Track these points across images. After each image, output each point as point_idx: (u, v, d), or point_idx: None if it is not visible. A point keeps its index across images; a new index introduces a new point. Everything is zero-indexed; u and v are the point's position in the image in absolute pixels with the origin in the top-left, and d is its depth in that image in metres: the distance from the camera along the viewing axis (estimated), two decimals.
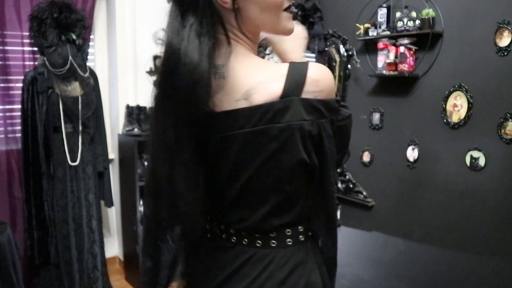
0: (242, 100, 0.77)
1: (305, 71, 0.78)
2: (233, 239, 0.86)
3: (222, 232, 0.88)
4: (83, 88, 2.49)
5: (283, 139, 0.77)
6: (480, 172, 2.04)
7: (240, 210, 0.84)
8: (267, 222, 0.84)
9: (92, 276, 2.56)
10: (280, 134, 0.76)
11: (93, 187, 2.57)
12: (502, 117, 1.94)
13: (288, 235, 0.85)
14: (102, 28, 3.13)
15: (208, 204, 0.90)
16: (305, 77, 0.77)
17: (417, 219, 2.33)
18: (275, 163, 0.79)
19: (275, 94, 0.76)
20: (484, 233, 2.04)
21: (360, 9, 2.52)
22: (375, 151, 2.55)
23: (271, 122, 0.76)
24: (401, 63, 2.26)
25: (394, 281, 2.48)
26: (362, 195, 2.61)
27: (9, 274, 1.92)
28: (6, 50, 2.65)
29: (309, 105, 0.77)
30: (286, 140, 0.77)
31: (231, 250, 0.86)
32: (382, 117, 2.49)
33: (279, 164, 0.79)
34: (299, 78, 0.77)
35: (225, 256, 0.87)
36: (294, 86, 0.77)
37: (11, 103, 2.71)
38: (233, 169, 0.81)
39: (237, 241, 0.86)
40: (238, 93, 0.78)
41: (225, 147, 0.80)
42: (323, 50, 2.79)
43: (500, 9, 1.93)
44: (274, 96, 0.76)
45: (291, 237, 0.85)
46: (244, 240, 0.85)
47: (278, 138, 0.76)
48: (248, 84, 0.78)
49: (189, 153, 0.81)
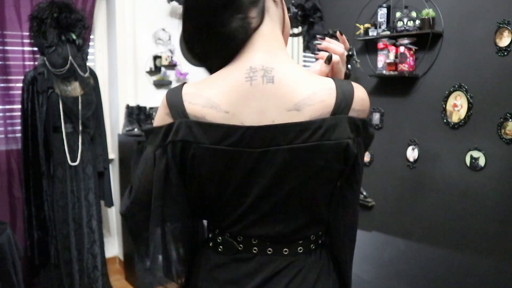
0: (294, 110, 0.74)
1: (352, 89, 0.78)
2: (254, 249, 0.84)
3: (239, 244, 0.84)
4: (83, 88, 2.49)
5: (330, 156, 0.76)
6: (480, 172, 2.04)
7: (272, 223, 0.82)
8: (300, 233, 0.85)
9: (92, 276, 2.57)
10: (328, 151, 0.75)
11: (93, 187, 2.57)
12: (502, 117, 1.94)
13: (313, 240, 0.87)
14: (102, 28, 3.13)
15: (218, 216, 0.86)
16: (353, 95, 0.77)
17: (417, 219, 2.33)
18: (318, 179, 0.79)
19: (329, 109, 0.75)
20: (484, 233, 2.04)
21: (360, 9, 2.52)
22: (375, 151, 2.55)
23: (321, 139, 0.74)
24: (401, 63, 2.26)
25: (394, 281, 2.48)
26: (362, 195, 2.61)
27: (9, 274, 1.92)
28: (6, 50, 2.66)
29: (353, 123, 0.77)
30: (332, 158, 0.76)
31: (252, 260, 0.84)
32: (382, 117, 2.49)
33: (322, 179, 0.80)
34: (348, 95, 0.77)
35: (246, 267, 0.84)
36: (344, 103, 0.76)
37: (11, 103, 2.71)
38: (270, 183, 0.78)
39: (259, 251, 0.84)
40: (290, 102, 0.75)
41: (263, 161, 0.76)
42: None
43: (500, 9, 1.93)
44: (327, 110, 0.75)
45: (314, 242, 0.87)
46: (269, 250, 0.84)
47: (326, 155, 0.76)
48: (300, 94, 0.75)
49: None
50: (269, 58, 0.77)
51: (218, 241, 0.86)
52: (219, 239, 0.86)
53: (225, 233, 0.85)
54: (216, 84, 0.77)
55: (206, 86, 0.78)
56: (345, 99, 0.76)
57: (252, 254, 0.84)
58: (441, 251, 2.23)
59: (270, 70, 0.75)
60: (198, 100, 0.77)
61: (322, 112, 0.75)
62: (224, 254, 0.86)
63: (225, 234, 0.85)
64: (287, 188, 0.78)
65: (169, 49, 3.25)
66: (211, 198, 0.82)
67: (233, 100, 0.75)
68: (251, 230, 0.83)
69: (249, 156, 0.75)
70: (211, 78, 0.80)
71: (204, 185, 0.81)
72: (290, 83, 0.75)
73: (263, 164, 0.76)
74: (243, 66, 0.77)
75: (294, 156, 0.75)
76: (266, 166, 0.76)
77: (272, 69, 0.76)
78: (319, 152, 0.75)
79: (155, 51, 3.19)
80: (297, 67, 0.79)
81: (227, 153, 0.75)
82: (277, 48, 0.80)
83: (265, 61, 0.76)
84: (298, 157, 0.75)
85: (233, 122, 0.75)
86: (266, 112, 0.75)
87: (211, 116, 0.75)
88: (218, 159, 0.76)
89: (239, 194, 0.80)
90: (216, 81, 0.78)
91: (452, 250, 2.18)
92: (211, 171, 0.78)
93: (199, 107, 0.76)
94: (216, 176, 0.78)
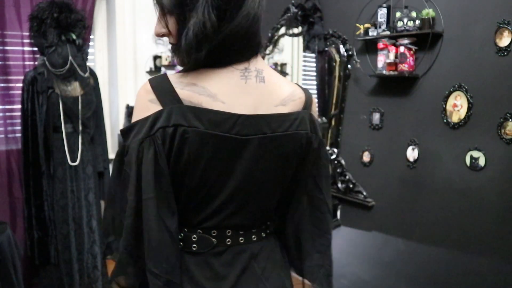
0: (280, 106, 0.86)
1: (309, 92, 0.94)
2: (228, 241, 0.87)
3: (213, 238, 0.86)
4: (83, 88, 2.49)
5: (301, 144, 0.88)
6: (480, 172, 2.04)
7: (246, 211, 0.88)
8: (266, 219, 0.94)
9: (92, 276, 2.56)
10: (301, 139, 0.87)
11: (93, 187, 2.57)
12: (502, 117, 1.94)
13: (269, 225, 0.97)
14: (102, 28, 3.13)
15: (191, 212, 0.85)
16: (312, 96, 0.93)
17: (417, 219, 2.33)
18: (289, 165, 0.90)
19: (302, 105, 0.89)
20: (484, 233, 2.04)
21: (360, 9, 2.52)
22: (375, 151, 2.55)
23: (297, 128, 0.86)
24: (401, 63, 2.26)
25: (394, 281, 2.48)
26: (362, 195, 2.61)
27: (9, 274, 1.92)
28: (6, 50, 2.65)
29: (314, 121, 0.91)
30: (301, 145, 0.88)
31: (226, 252, 0.87)
32: (382, 117, 2.49)
33: (292, 166, 0.90)
34: (309, 96, 0.92)
35: (222, 260, 0.87)
36: (310, 101, 0.92)
37: (11, 103, 2.71)
38: (249, 170, 0.84)
39: (232, 242, 0.88)
40: (277, 99, 0.86)
41: (247, 148, 0.83)
42: (323, 50, 2.79)
43: (500, 9, 1.93)
44: (302, 106, 0.89)
45: (270, 227, 0.97)
46: (241, 239, 0.89)
47: (300, 142, 0.88)
48: (285, 92, 0.87)
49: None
50: (257, 62, 0.86)
51: (193, 240, 0.86)
52: (193, 238, 0.86)
53: (197, 230, 0.86)
54: (210, 78, 0.81)
55: (199, 78, 0.82)
56: (309, 98, 0.92)
57: (226, 246, 0.87)
58: (441, 251, 2.23)
59: (261, 71, 0.85)
60: (192, 88, 0.80)
61: (299, 107, 0.89)
62: (198, 253, 0.86)
63: (197, 231, 0.86)
64: (263, 174, 0.86)
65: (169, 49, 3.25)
66: (190, 190, 0.83)
67: (229, 94, 0.81)
68: (227, 221, 0.86)
69: (237, 143, 0.81)
70: (200, 73, 0.82)
71: (187, 175, 0.81)
72: (275, 83, 0.87)
73: (247, 151, 0.83)
74: (237, 66, 0.83)
75: (275, 142, 0.85)
76: (249, 153, 0.83)
77: (262, 70, 0.85)
78: (293, 140, 0.86)
79: (155, 51, 3.19)
80: (274, 70, 0.93)
81: (220, 138, 0.80)
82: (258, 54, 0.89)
83: (255, 63, 0.85)
84: (278, 144, 0.85)
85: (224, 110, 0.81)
86: (257, 107, 0.83)
87: (208, 103, 0.80)
88: (209, 144, 0.79)
89: (221, 182, 0.83)
90: (208, 75, 0.82)
91: (452, 250, 2.18)
92: (200, 156, 0.80)
93: (195, 94, 0.80)
94: (202, 162, 0.80)
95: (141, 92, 0.81)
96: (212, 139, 0.79)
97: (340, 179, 2.71)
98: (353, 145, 2.68)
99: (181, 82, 0.81)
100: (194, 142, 0.78)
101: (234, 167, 0.83)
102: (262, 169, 0.85)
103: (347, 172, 2.70)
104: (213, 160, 0.81)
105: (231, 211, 0.86)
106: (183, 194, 0.83)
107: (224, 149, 0.81)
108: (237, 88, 0.82)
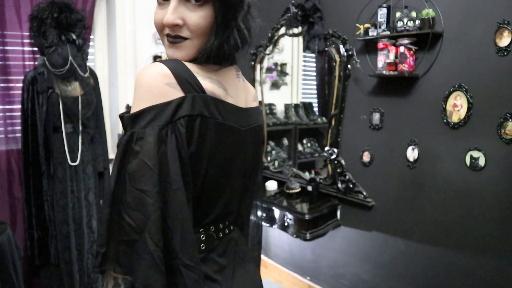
0: (254, 101, 1.00)
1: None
2: (220, 234, 0.92)
3: (213, 233, 0.89)
4: (83, 88, 2.49)
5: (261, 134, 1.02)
6: (480, 172, 2.04)
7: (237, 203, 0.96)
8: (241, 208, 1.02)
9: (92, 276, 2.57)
10: (262, 129, 1.03)
11: (93, 187, 2.57)
12: (502, 117, 1.94)
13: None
14: (102, 28, 3.13)
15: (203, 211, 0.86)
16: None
17: (417, 219, 2.33)
18: (261, 153, 1.08)
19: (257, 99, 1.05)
20: (484, 233, 2.04)
21: (360, 9, 2.52)
22: (375, 151, 2.55)
23: (261, 120, 1.01)
24: (401, 63, 2.26)
25: (394, 281, 2.48)
26: (362, 195, 2.61)
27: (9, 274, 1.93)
28: (6, 50, 2.66)
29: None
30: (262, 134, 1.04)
31: (220, 244, 0.91)
32: (382, 117, 2.49)
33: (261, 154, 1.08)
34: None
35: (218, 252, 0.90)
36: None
37: (11, 103, 2.71)
38: (247, 160, 0.94)
39: (223, 234, 0.93)
40: (251, 95, 0.99)
41: (245, 139, 0.91)
42: (323, 50, 2.79)
43: (500, 9, 1.93)
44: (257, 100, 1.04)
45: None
46: (226, 230, 0.94)
47: (262, 133, 1.03)
48: (252, 90, 1.01)
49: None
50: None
51: (201, 239, 0.86)
52: (202, 237, 0.86)
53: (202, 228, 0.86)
54: (220, 74, 0.87)
55: (211, 72, 0.85)
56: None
57: (219, 238, 0.91)
58: (441, 251, 2.23)
59: (239, 70, 0.96)
60: (211, 80, 0.84)
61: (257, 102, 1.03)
62: (204, 251, 0.86)
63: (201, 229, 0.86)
64: (251, 162, 0.96)
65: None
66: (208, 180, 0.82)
67: (234, 89, 0.90)
68: (222, 213, 0.91)
69: (240, 134, 0.89)
70: (210, 67, 0.85)
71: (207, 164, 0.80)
72: (247, 82, 1.00)
73: (245, 141, 0.92)
74: (233, 66, 0.93)
75: (254, 133, 0.96)
76: (247, 143, 0.93)
77: (239, 71, 0.96)
78: (261, 130, 1.01)
79: (155, 51, 3.20)
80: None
81: (231, 129, 0.85)
82: None
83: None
84: (256, 134, 0.97)
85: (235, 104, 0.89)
86: (246, 103, 0.95)
87: (224, 97, 0.85)
88: (225, 135, 0.83)
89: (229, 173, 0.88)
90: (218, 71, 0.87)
91: (452, 250, 2.18)
92: (218, 147, 0.82)
93: (215, 86, 0.83)
94: (221, 152, 0.83)
95: (155, 74, 0.76)
96: (227, 131, 0.84)
97: (340, 179, 2.71)
98: (353, 145, 2.68)
99: (198, 72, 0.82)
100: (214, 132, 0.80)
101: (237, 158, 0.89)
102: (251, 158, 0.95)
103: (347, 172, 2.70)
104: (227, 150, 0.85)
105: (226, 202, 0.90)
106: (198, 185, 0.81)
107: (233, 140, 0.86)
108: (236, 85, 0.91)
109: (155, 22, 0.85)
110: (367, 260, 2.64)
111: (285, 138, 3.32)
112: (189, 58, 0.84)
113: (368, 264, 2.64)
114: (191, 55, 0.84)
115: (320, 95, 3.02)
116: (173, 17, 0.80)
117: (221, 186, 0.86)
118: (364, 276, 2.66)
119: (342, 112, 2.73)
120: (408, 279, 2.40)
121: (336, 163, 2.75)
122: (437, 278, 2.26)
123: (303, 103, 3.29)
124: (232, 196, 0.91)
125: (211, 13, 0.81)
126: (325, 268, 2.90)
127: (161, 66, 0.77)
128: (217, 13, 0.81)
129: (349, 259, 2.75)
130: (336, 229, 2.78)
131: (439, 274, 2.25)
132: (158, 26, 0.85)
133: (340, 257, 2.81)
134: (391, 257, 2.49)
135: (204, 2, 0.80)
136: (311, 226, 2.62)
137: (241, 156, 0.90)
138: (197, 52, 0.84)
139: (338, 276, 2.81)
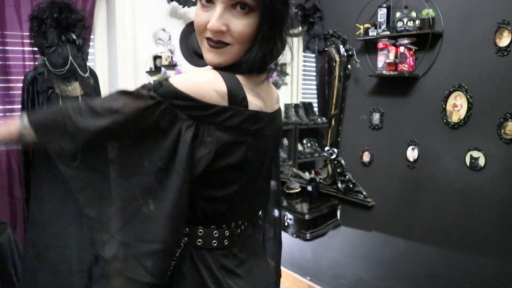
0: (276, 103, 1.00)
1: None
2: (238, 230, 0.97)
3: (235, 228, 0.96)
4: (84, 88, 2.49)
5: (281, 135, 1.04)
6: (480, 172, 2.04)
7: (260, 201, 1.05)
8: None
9: None
10: (282, 130, 1.04)
11: None
12: (502, 117, 1.94)
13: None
14: (102, 28, 3.13)
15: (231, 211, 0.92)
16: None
17: (417, 219, 2.33)
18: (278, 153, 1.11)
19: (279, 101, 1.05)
20: (484, 233, 2.04)
21: (360, 9, 2.52)
22: (375, 151, 2.55)
23: (282, 121, 1.02)
24: (401, 63, 2.26)
25: (394, 281, 2.48)
26: (362, 195, 2.61)
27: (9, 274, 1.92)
28: (6, 50, 2.65)
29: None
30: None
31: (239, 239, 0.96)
32: (382, 117, 2.49)
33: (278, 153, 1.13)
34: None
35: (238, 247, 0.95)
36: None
37: (11, 103, 2.71)
38: (269, 162, 0.98)
39: (241, 230, 0.98)
40: (275, 97, 1.00)
41: (269, 142, 0.93)
42: (323, 50, 2.79)
43: (500, 9, 1.93)
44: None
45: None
46: (244, 226, 0.99)
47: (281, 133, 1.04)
48: (276, 92, 1.03)
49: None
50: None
51: (226, 235, 0.92)
52: (226, 233, 0.92)
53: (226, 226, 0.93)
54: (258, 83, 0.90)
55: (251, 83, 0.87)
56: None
57: (238, 234, 0.97)
58: (441, 251, 2.23)
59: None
60: (254, 93, 0.87)
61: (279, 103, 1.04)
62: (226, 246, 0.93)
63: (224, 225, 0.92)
64: (269, 163, 1.00)
65: (169, 49, 3.25)
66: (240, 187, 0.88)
67: (267, 97, 0.93)
68: (245, 212, 0.98)
69: (266, 139, 0.91)
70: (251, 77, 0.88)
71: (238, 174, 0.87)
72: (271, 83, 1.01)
73: (269, 144, 0.94)
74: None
75: (276, 136, 0.98)
76: (271, 146, 0.95)
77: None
78: (281, 131, 1.03)
79: (155, 51, 3.19)
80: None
81: (264, 137, 0.90)
82: None
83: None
84: (276, 137, 0.99)
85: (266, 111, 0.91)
86: (272, 106, 0.95)
87: (262, 107, 0.88)
88: (259, 144, 0.88)
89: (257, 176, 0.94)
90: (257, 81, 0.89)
91: (452, 250, 2.18)
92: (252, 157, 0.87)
93: (256, 99, 0.87)
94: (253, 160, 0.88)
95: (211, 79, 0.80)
96: (261, 140, 0.88)
97: (340, 179, 2.71)
98: (353, 145, 2.68)
99: (245, 85, 0.85)
100: (251, 143, 0.85)
101: (264, 161, 0.94)
102: (270, 158, 0.98)
103: (347, 172, 2.70)
104: (258, 157, 0.90)
105: (250, 201, 0.96)
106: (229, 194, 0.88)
107: (263, 146, 0.90)
108: (268, 92, 0.94)
109: (197, 24, 0.85)
110: (367, 260, 2.64)
111: (285, 138, 3.31)
112: (228, 64, 0.85)
113: (368, 264, 2.64)
114: (230, 60, 0.85)
115: (320, 95, 3.02)
116: (218, 23, 0.81)
117: (249, 187, 0.92)
118: (364, 276, 2.66)
119: (342, 112, 2.73)
120: (408, 279, 2.40)
121: (336, 163, 2.75)
122: (437, 278, 2.26)
123: (303, 103, 3.29)
124: (256, 195, 0.98)
125: (255, 22, 0.82)
126: (325, 268, 2.90)
127: (216, 75, 0.81)
128: (263, 24, 0.82)
129: (349, 259, 2.75)
130: (336, 229, 2.78)
131: (439, 274, 2.25)
132: (200, 28, 0.85)
133: (340, 257, 2.81)
134: (391, 257, 2.49)
135: (250, 10, 0.81)
136: (311, 226, 2.62)
137: (266, 158, 0.94)
138: (236, 58, 0.85)
139: (338, 276, 2.81)
